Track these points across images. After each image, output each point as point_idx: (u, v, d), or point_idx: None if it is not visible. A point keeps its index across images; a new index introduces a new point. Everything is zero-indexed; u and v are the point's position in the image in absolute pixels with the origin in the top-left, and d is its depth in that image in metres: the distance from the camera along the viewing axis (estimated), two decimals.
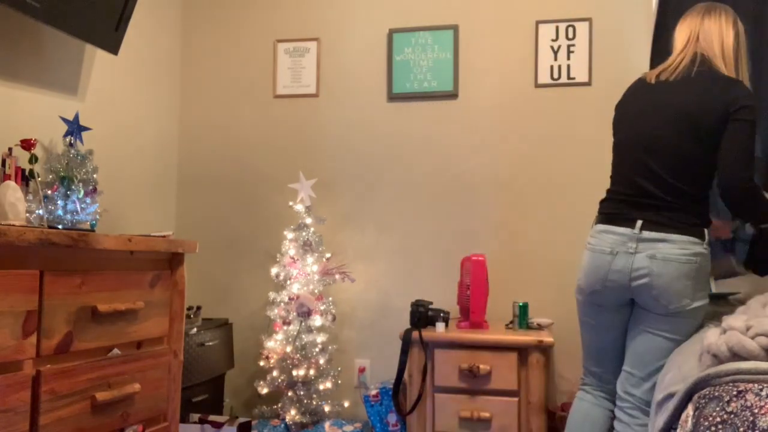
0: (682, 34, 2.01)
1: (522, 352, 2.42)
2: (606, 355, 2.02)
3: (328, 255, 2.94)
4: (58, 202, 2.19)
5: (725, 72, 1.90)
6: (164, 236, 2.03)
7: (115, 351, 1.81)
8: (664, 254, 1.82)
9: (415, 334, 2.49)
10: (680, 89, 1.89)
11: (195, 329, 2.67)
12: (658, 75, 1.97)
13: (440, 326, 2.52)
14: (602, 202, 2.04)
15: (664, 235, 1.83)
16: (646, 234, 1.85)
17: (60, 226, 2.00)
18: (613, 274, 1.88)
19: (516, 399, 2.40)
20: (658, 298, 1.83)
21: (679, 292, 1.82)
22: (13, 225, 1.72)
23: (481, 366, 2.40)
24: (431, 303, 2.62)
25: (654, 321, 1.86)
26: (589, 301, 1.98)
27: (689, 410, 1.32)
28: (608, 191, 2.03)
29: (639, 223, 1.86)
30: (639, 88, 2.02)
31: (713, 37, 1.94)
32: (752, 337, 1.32)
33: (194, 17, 3.32)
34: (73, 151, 2.28)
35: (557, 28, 2.93)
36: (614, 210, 1.95)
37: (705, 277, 1.87)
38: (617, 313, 1.96)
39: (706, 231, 1.88)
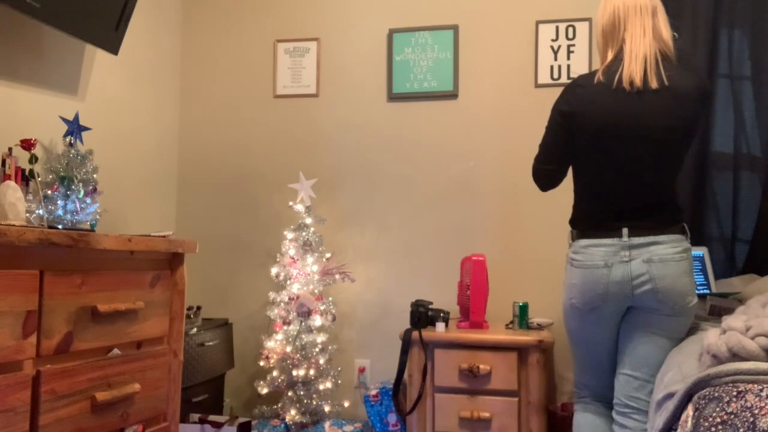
0: (631, 17, 1.89)
1: (522, 352, 2.41)
2: (602, 367, 1.99)
3: (328, 255, 2.94)
4: (58, 202, 2.19)
5: (674, 60, 1.90)
6: (164, 236, 2.03)
7: (115, 351, 1.81)
8: (660, 256, 1.80)
9: (415, 334, 2.49)
10: (665, 105, 1.82)
11: (195, 329, 2.67)
12: (629, 78, 1.84)
13: (440, 326, 2.52)
14: (576, 220, 1.97)
15: (653, 237, 1.82)
16: (635, 240, 1.82)
17: (60, 226, 2.00)
18: (613, 286, 1.84)
19: (516, 399, 2.40)
20: (664, 301, 1.80)
21: (683, 290, 1.81)
22: (13, 225, 1.72)
23: (481, 366, 2.40)
24: (431, 303, 2.62)
25: (657, 322, 1.84)
26: (587, 319, 1.92)
27: (689, 411, 1.32)
28: (581, 209, 1.96)
29: (625, 230, 1.83)
30: (604, 94, 1.86)
31: (661, 23, 1.89)
32: (752, 338, 1.32)
33: (194, 17, 3.32)
34: (73, 151, 2.28)
35: (557, 28, 2.93)
36: (594, 224, 1.90)
37: (693, 272, 1.88)
38: (615, 325, 1.93)
39: (685, 225, 1.88)
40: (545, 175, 2.07)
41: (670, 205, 1.88)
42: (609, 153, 1.87)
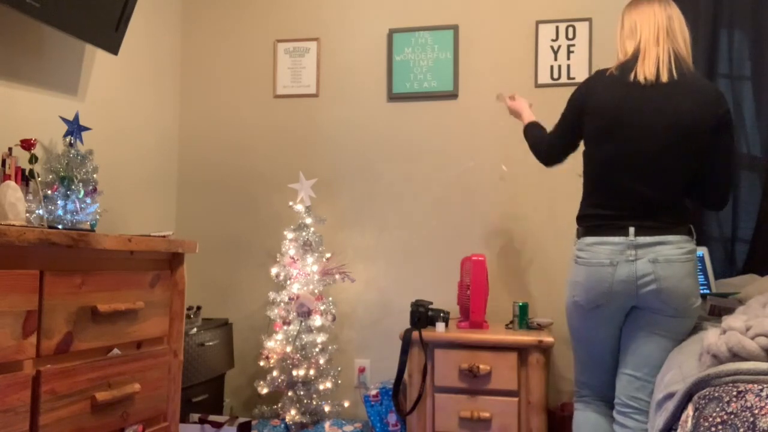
0: (646, 24, 1.92)
1: (522, 352, 2.41)
2: (604, 366, 1.99)
3: (328, 255, 2.94)
4: (58, 202, 2.19)
5: (691, 67, 1.91)
6: (164, 236, 2.03)
7: (115, 351, 1.81)
8: (666, 256, 1.80)
9: (415, 334, 2.49)
10: (671, 97, 1.83)
11: (195, 329, 2.67)
12: (643, 73, 1.86)
13: (440, 326, 2.52)
14: (583, 217, 1.96)
15: (659, 237, 1.82)
16: (642, 239, 1.82)
17: (60, 226, 2.00)
18: (617, 285, 1.83)
19: (516, 399, 2.40)
20: (668, 302, 1.81)
21: (686, 292, 1.81)
22: (13, 225, 1.72)
23: (481, 366, 2.40)
24: (431, 303, 2.62)
25: (660, 323, 1.84)
26: (590, 317, 1.92)
27: (689, 411, 1.32)
28: (588, 205, 1.95)
29: (632, 229, 1.83)
30: (617, 86, 1.89)
31: (677, 31, 1.91)
32: (752, 338, 1.32)
33: (194, 17, 3.32)
34: (73, 151, 2.28)
35: (557, 28, 2.93)
36: (601, 221, 1.89)
37: (697, 273, 1.88)
38: (618, 325, 1.93)
39: (692, 227, 1.89)
40: (546, 147, 2.12)
41: (677, 205, 1.87)
42: (618, 145, 1.87)
